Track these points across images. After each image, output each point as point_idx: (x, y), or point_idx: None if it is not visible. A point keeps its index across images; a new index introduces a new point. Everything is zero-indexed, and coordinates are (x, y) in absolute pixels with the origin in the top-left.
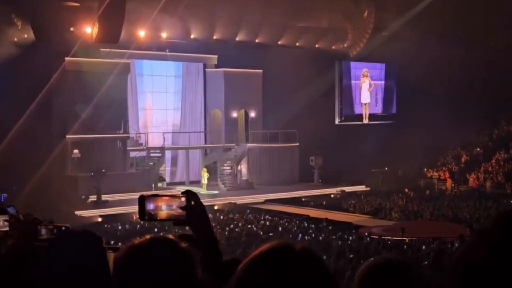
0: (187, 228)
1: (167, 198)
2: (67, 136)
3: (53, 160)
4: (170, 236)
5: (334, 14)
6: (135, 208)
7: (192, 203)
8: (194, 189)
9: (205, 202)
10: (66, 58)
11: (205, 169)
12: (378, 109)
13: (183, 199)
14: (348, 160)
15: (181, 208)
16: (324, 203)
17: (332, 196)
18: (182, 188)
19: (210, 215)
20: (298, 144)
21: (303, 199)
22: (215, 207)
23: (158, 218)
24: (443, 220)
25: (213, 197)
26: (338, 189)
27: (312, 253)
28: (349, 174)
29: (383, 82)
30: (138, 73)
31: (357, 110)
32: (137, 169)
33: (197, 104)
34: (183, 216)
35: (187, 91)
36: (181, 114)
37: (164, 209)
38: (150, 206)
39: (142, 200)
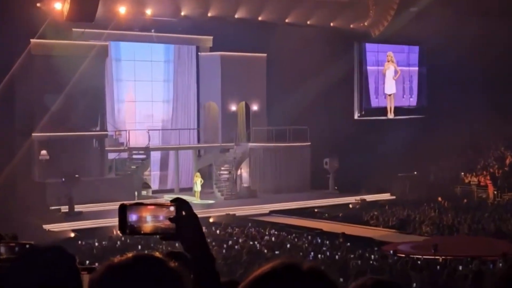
0: (176, 244)
1: (153, 207)
2: (34, 134)
3: (17, 163)
4: (157, 254)
5: None
6: (115, 221)
7: (183, 213)
8: (186, 197)
9: (199, 213)
10: (32, 40)
11: (198, 174)
12: (406, 101)
13: (172, 208)
14: (369, 162)
15: (170, 219)
16: (341, 214)
17: (351, 206)
18: (172, 197)
19: (204, 229)
20: (309, 143)
21: (316, 210)
22: (211, 220)
23: (142, 232)
24: (483, 235)
25: (208, 208)
26: (358, 197)
27: (322, 274)
28: (371, 180)
29: (411, 68)
30: (118, 58)
31: (380, 102)
32: (117, 174)
33: (189, 95)
34: (172, 229)
35: (177, 80)
36: (170, 107)
37: (149, 220)
38: (133, 217)
39: (123, 210)
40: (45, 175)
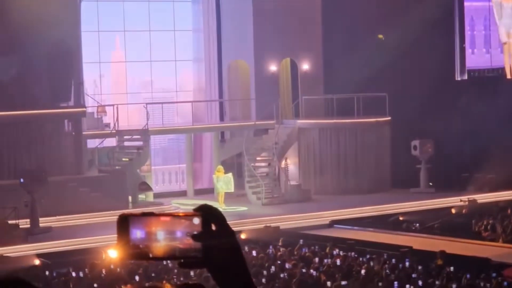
0: (192, 272)
1: (167, 219)
2: None
3: None
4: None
5: None
6: (100, 240)
7: (213, 227)
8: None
9: None
10: None
11: (221, 168)
12: None
13: (196, 220)
14: (480, 146)
15: (193, 236)
16: (437, 225)
17: (454, 211)
18: (182, 203)
19: None
20: (389, 118)
21: (401, 219)
22: (242, 236)
23: (152, 256)
24: None
25: (238, 218)
26: (464, 198)
27: None
28: (483, 171)
29: None
30: None
31: (494, 57)
32: (101, 170)
33: (206, 51)
34: (196, 251)
35: (186, 28)
36: (176, 70)
37: (161, 238)
38: (138, 234)
39: (123, 224)
40: None
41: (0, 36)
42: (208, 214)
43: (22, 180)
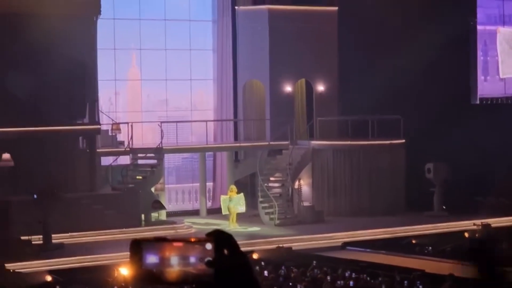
0: None
1: (180, 244)
2: None
3: None
4: None
5: None
6: (113, 257)
7: (226, 252)
8: (217, 223)
9: None
10: None
11: (233, 188)
12: None
13: (209, 246)
14: (495, 168)
15: (207, 263)
16: (450, 248)
17: (467, 235)
18: (195, 222)
19: None
20: (403, 141)
21: (414, 242)
22: (254, 256)
23: (166, 280)
24: None
25: (251, 238)
26: (478, 221)
27: None
28: (498, 195)
29: None
30: (115, 17)
31: (508, 83)
32: (114, 187)
33: (221, 71)
34: (209, 277)
35: (201, 47)
36: (192, 89)
37: (175, 264)
38: (152, 259)
39: (137, 249)
40: (8, 190)
41: (16, 52)
42: (220, 239)
43: (35, 196)
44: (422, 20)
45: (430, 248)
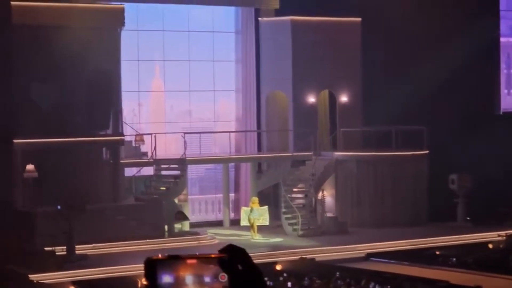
0: None
1: (194, 262)
2: (15, 140)
3: None
4: None
5: None
6: (136, 268)
7: (240, 268)
8: (241, 235)
9: (259, 257)
10: (12, 3)
11: (255, 199)
12: None
13: (223, 277)
14: None
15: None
16: (474, 259)
17: (491, 246)
18: (218, 233)
19: (268, 282)
20: (427, 152)
21: (437, 253)
22: (277, 267)
23: None
24: None
25: (273, 249)
26: (502, 233)
27: None
28: None
29: None
30: (139, 28)
31: None
32: (138, 198)
33: (244, 82)
34: None
35: (224, 58)
36: (215, 100)
37: (190, 283)
38: (167, 279)
39: (151, 268)
40: (32, 201)
41: (42, 64)
42: (234, 255)
43: (59, 207)
44: (445, 31)
45: (454, 259)
